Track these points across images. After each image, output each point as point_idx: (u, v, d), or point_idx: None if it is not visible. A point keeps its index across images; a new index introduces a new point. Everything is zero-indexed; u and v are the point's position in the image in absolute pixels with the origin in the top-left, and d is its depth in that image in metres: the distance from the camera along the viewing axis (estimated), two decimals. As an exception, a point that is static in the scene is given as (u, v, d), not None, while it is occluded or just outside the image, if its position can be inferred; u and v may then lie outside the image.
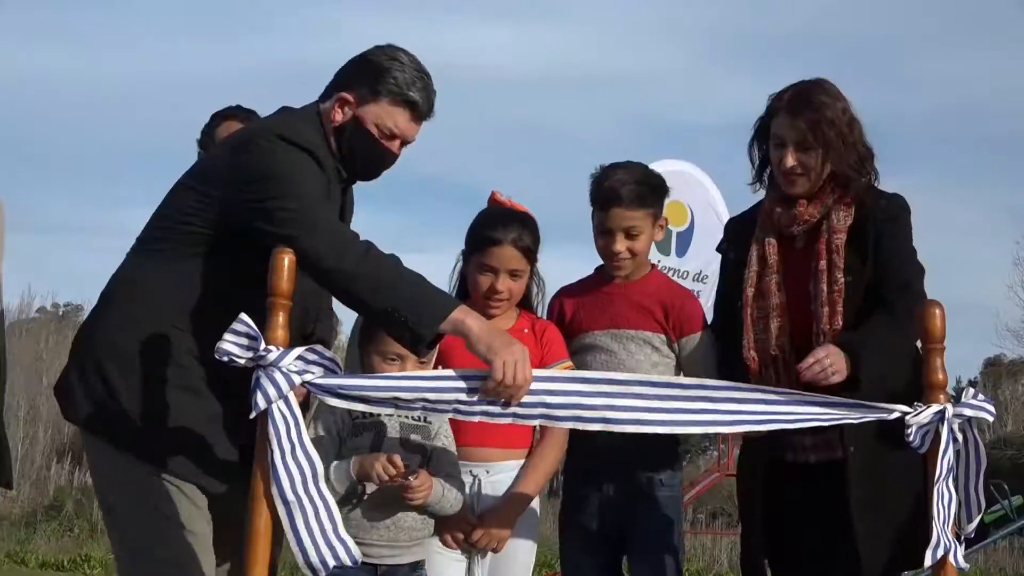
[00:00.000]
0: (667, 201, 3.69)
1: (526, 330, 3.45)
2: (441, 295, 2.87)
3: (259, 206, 2.83)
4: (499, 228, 3.40)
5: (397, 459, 2.95)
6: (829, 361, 3.11)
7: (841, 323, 3.25)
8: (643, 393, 2.88)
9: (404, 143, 3.15)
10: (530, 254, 3.44)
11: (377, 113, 3.08)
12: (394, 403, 2.80)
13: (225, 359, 2.63)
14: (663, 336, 3.50)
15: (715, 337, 3.53)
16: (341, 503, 3.05)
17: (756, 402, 2.88)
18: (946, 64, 47.68)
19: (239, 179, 2.89)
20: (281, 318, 2.68)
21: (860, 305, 3.28)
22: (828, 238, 3.33)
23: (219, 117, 4.49)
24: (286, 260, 2.69)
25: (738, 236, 3.55)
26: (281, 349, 2.64)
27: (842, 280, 3.28)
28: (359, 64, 3.13)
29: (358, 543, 3.01)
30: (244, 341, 2.62)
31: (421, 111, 3.14)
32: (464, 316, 2.79)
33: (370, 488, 3.07)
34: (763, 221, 3.46)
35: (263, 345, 2.62)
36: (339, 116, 3.08)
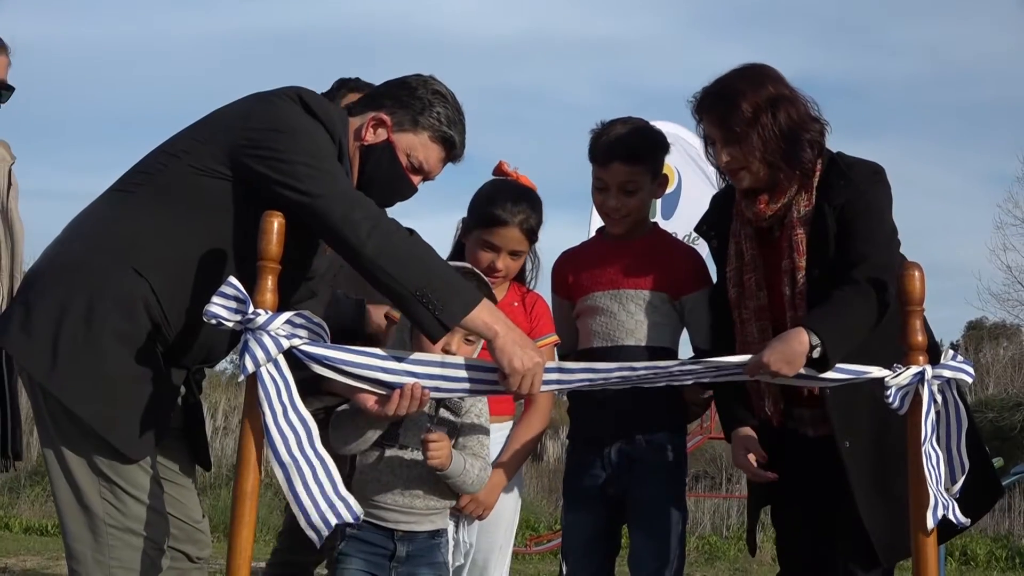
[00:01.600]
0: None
1: (515, 303, 3.46)
2: (465, 284, 2.83)
3: (269, 154, 2.73)
4: (508, 208, 3.37)
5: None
6: (771, 364, 2.91)
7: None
8: (627, 376, 2.92)
9: (425, 180, 3.09)
10: (533, 235, 3.43)
11: (412, 144, 3.00)
12: (375, 381, 2.81)
13: (213, 322, 2.60)
14: (664, 295, 3.46)
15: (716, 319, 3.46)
16: (362, 462, 3.08)
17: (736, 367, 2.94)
18: (929, 30, 47.59)
19: (252, 125, 2.78)
20: (270, 282, 2.66)
21: None
22: (789, 235, 3.23)
23: (343, 87, 4.15)
24: (275, 223, 2.66)
25: (717, 221, 3.46)
26: (269, 313, 2.63)
27: (803, 279, 3.18)
28: (400, 89, 3.03)
29: (373, 505, 3.06)
30: (232, 304, 2.61)
31: (456, 153, 3.08)
32: (493, 320, 2.77)
33: (390, 452, 3.05)
34: (738, 213, 3.37)
35: (251, 308, 2.61)
36: (370, 136, 2.99)
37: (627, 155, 3.41)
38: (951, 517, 2.84)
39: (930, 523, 2.80)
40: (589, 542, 3.49)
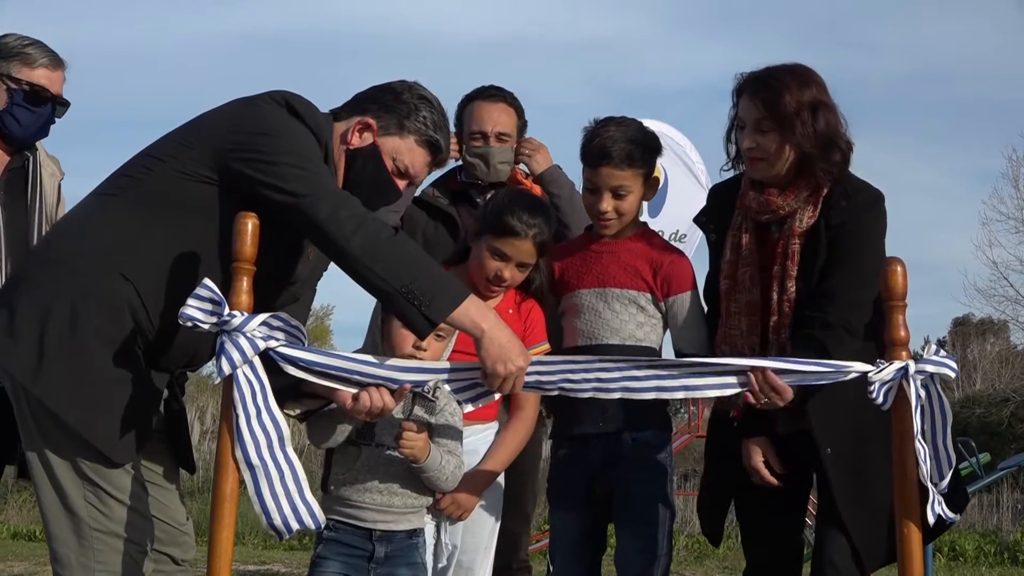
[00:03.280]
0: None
1: (511, 310, 3.45)
2: (452, 280, 2.82)
3: (255, 156, 2.73)
4: (524, 220, 3.35)
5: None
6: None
7: (788, 334, 3.19)
8: (604, 367, 2.91)
9: (410, 184, 3.09)
10: (544, 249, 3.42)
11: (397, 147, 2.99)
12: (353, 383, 2.81)
13: (189, 324, 2.59)
14: (649, 295, 3.44)
15: (704, 314, 3.45)
16: (339, 463, 3.07)
17: (712, 374, 2.90)
18: (914, 28, 47.79)
19: (238, 128, 2.78)
20: (245, 283, 2.66)
21: None
22: (785, 242, 3.24)
23: (468, 99, 4.26)
24: (250, 224, 2.65)
25: (717, 213, 3.45)
26: (245, 314, 2.62)
27: (792, 288, 3.20)
28: (385, 94, 3.03)
29: (350, 505, 3.06)
30: (208, 306, 2.60)
31: (441, 158, 3.08)
32: (480, 318, 2.77)
33: (366, 451, 3.05)
34: (740, 205, 3.37)
35: (227, 310, 2.60)
36: (356, 140, 2.98)
37: (619, 159, 3.38)
38: (940, 512, 2.83)
39: (930, 518, 2.78)
40: (576, 542, 3.47)
